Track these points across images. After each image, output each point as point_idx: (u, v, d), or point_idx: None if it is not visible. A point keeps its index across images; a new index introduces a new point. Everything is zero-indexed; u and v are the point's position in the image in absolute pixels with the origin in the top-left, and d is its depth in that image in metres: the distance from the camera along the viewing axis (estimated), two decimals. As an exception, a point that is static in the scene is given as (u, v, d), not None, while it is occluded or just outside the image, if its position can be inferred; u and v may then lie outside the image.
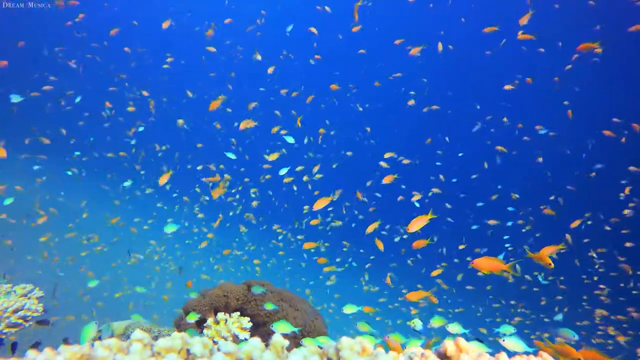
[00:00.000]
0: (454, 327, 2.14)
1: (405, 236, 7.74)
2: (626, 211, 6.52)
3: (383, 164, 5.35)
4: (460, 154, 10.07)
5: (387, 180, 3.74)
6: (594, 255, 6.96)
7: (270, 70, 6.86)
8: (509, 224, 7.91)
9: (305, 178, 6.16)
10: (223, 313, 2.08)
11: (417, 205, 6.38)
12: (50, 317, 2.43)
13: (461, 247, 7.34)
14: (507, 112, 10.33)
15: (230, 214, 9.31)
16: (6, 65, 5.62)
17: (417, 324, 2.20)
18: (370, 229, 3.43)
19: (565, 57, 8.57)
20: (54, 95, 8.32)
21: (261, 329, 2.11)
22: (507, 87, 6.76)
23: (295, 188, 8.37)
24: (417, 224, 2.38)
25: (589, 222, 7.15)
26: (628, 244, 7.20)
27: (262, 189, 9.77)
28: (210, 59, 14.26)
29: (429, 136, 9.03)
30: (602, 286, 7.40)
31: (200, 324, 2.09)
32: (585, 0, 11.19)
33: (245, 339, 1.96)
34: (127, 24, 11.57)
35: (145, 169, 9.82)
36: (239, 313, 2.10)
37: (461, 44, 12.56)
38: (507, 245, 8.37)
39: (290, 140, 4.34)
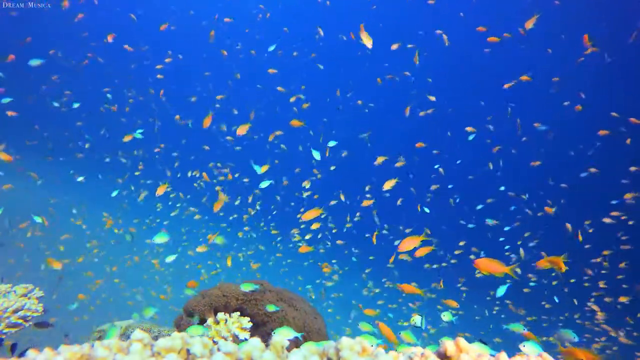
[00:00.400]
0: (446, 315, 2.18)
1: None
2: (618, 213, 6.46)
3: (378, 161, 5.33)
4: (458, 162, 10.07)
5: (387, 185, 3.71)
6: (604, 262, 6.92)
7: (272, 71, 6.87)
8: (507, 229, 7.89)
9: (305, 184, 6.13)
10: (223, 313, 2.08)
11: (427, 210, 6.37)
12: (50, 317, 2.42)
13: (457, 252, 7.35)
14: (507, 112, 10.32)
15: (231, 218, 9.29)
16: (14, 59, 5.64)
17: (417, 320, 2.23)
18: (374, 239, 3.47)
19: (565, 57, 8.55)
20: (54, 96, 8.31)
21: (261, 328, 2.11)
22: (507, 85, 6.73)
23: (307, 195, 8.37)
24: (407, 244, 2.27)
25: (591, 231, 7.13)
26: (625, 247, 7.17)
27: (262, 191, 9.75)
28: (211, 58, 14.26)
29: (429, 135, 9.04)
30: (602, 285, 7.38)
31: (200, 324, 2.09)
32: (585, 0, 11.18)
33: (245, 339, 1.96)
34: (127, 23, 11.56)
35: (146, 169, 9.80)
36: (238, 313, 2.10)
37: (461, 43, 12.55)
38: (506, 247, 8.36)
39: (316, 156, 4.18)
